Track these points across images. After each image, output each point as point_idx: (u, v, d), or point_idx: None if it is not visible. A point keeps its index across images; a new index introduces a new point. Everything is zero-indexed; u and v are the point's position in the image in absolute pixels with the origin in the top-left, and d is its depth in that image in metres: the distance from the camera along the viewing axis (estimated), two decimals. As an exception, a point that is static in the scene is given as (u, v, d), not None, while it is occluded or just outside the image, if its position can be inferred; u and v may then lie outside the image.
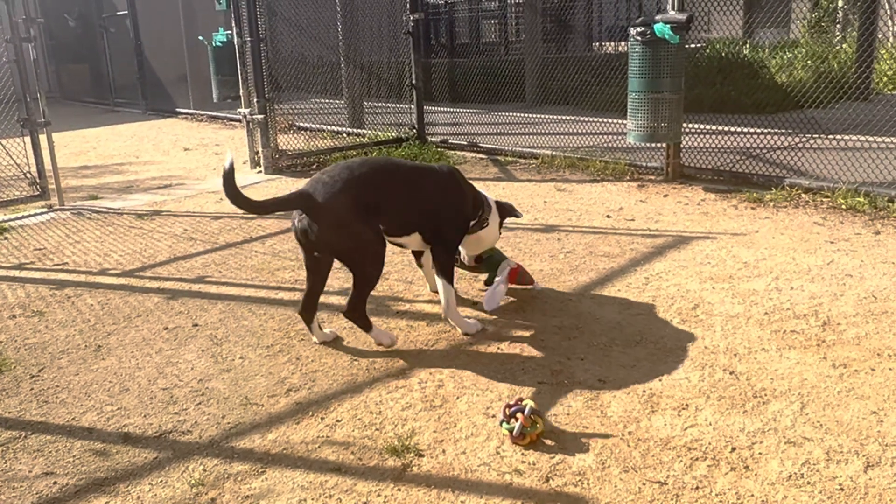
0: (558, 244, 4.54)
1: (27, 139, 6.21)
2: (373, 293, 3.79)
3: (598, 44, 13.74)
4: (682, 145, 5.98)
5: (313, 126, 9.24)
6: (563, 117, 8.53)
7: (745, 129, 6.10)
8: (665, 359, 2.99)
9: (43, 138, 6.26)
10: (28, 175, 6.21)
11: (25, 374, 3.11)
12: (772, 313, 3.38)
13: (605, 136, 7.57)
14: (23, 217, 5.92)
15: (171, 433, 2.60)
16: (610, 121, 7.82)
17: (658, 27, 5.32)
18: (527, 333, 3.28)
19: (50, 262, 4.68)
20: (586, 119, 8.07)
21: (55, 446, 2.55)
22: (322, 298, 3.30)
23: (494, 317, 3.48)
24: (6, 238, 5.31)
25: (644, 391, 2.74)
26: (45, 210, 6.13)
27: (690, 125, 6.25)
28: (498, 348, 3.15)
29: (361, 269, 3.08)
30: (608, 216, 5.12)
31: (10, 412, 2.80)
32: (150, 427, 2.64)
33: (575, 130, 7.59)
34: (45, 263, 4.65)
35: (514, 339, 3.23)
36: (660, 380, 2.82)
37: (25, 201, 6.19)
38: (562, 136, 7.34)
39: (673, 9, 5.58)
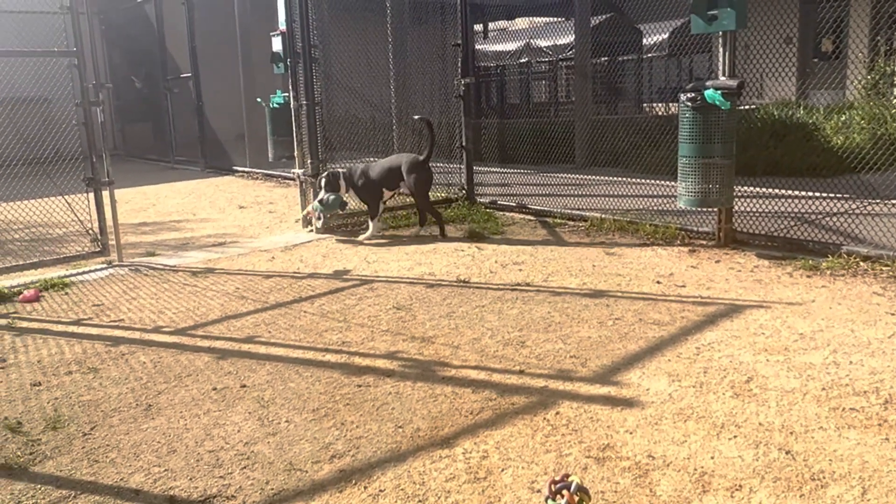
0: (607, 310, 4.49)
1: (91, 196, 6.46)
2: (419, 358, 3.81)
3: (647, 105, 13.80)
4: (734, 210, 5.90)
5: (364, 185, 9.39)
6: (613, 179, 8.51)
7: (800, 194, 6.01)
8: (717, 435, 2.90)
9: (106, 196, 6.50)
10: (90, 232, 6.44)
11: (78, 431, 3.17)
12: (830, 389, 3.26)
13: (656, 199, 7.53)
14: (83, 272, 6.11)
15: (215, 498, 2.61)
16: (660, 183, 7.79)
17: (709, 93, 5.32)
18: (574, 404, 3.22)
19: (107, 318, 4.81)
20: (636, 181, 8.05)
21: (103, 508, 2.58)
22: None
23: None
24: (67, 293, 5.48)
25: (695, 469, 2.65)
26: (105, 266, 6.32)
27: (743, 188, 6.18)
28: (544, 418, 3.10)
29: None
30: (658, 282, 5.05)
31: (61, 470, 2.85)
32: (196, 491, 2.66)
33: (624, 193, 7.56)
34: (103, 319, 4.78)
35: (560, 409, 3.18)
36: (712, 457, 2.73)
37: (87, 257, 6.40)
38: (611, 199, 7.31)
39: (724, 75, 5.59)
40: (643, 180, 8.19)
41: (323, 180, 6.90)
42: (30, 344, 4.34)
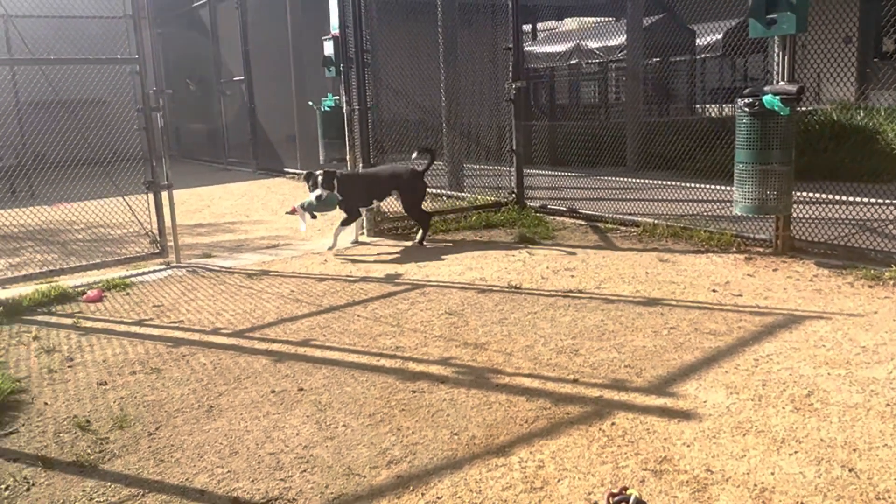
0: (661, 319, 4.45)
1: (151, 199, 6.64)
2: (473, 364, 3.84)
3: (700, 107, 13.58)
4: (792, 217, 5.79)
5: (414, 188, 9.46)
6: (666, 183, 8.42)
7: (861, 200, 5.85)
8: (777, 450, 2.85)
9: (164, 199, 6.67)
10: (150, 233, 6.63)
11: (144, 431, 3.28)
12: (894, 405, 3.18)
13: (710, 204, 7.42)
14: (143, 273, 6.29)
15: (277, 500, 2.67)
16: (715, 188, 7.67)
17: (767, 99, 5.23)
18: (630, 415, 3.21)
19: (167, 319, 4.95)
20: (690, 185, 7.94)
21: (169, 507, 2.66)
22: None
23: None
24: (128, 294, 5.65)
25: (755, 485, 2.62)
26: (164, 267, 6.49)
27: (801, 194, 6.04)
28: (600, 429, 3.09)
29: None
30: (714, 290, 4.98)
31: (129, 469, 2.95)
32: (258, 493, 2.72)
33: (677, 197, 7.47)
34: (163, 320, 4.91)
35: (616, 420, 3.17)
36: (772, 473, 2.69)
37: (146, 258, 6.58)
38: (664, 203, 7.24)
39: (782, 79, 5.48)
40: (697, 185, 8.08)
41: (319, 178, 6.64)
42: (95, 343, 4.49)
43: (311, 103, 11.69)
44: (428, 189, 7.20)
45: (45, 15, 9.58)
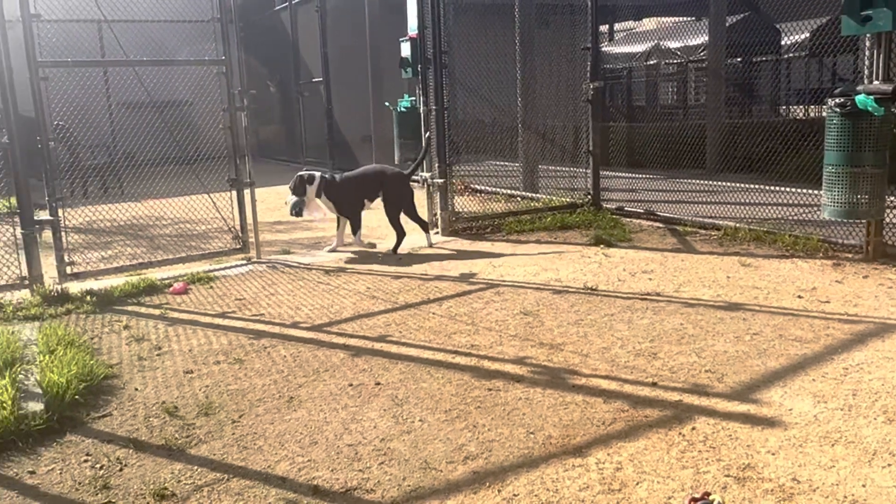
0: (743, 324, 4.33)
1: (234, 196, 6.85)
2: (548, 364, 3.82)
3: (784, 108, 13.14)
4: (885, 222, 5.54)
5: (488, 188, 9.48)
6: (747, 186, 8.17)
7: (961, 206, 5.56)
8: (869, 462, 2.74)
9: (246, 196, 6.87)
10: (232, 230, 6.84)
11: (227, 419, 3.39)
12: None
13: (795, 208, 7.16)
14: (226, 268, 6.49)
15: (356, 490, 2.72)
16: (800, 191, 7.41)
17: (860, 99, 5.02)
18: (711, 420, 3.14)
19: (248, 312, 5.09)
20: (773, 189, 7.68)
21: (253, 492, 2.74)
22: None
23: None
24: (211, 287, 5.84)
25: (844, 497, 2.52)
26: (245, 262, 6.69)
27: (894, 198, 5.78)
28: (680, 433, 3.03)
29: None
30: (799, 296, 4.81)
31: (214, 454, 3.05)
32: (337, 482, 2.78)
33: (760, 201, 7.22)
34: (245, 313, 5.06)
35: (696, 425, 3.10)
36: (863, 485, 2.59)
37: (228, 253, 6.80)
38: (745, 207, 7.02)
39: (876, 79, 5.26)
40: (780, 188, 7.82)
41: (292, 182, 6.84)
42: (181, 334, 4.66)
43: (387, 104, 11.85)
44: (501, 190, 7.19)
45: (138, 19, 9.99)
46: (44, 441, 3.22)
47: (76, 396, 3.54)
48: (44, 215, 5.82)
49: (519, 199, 8.99)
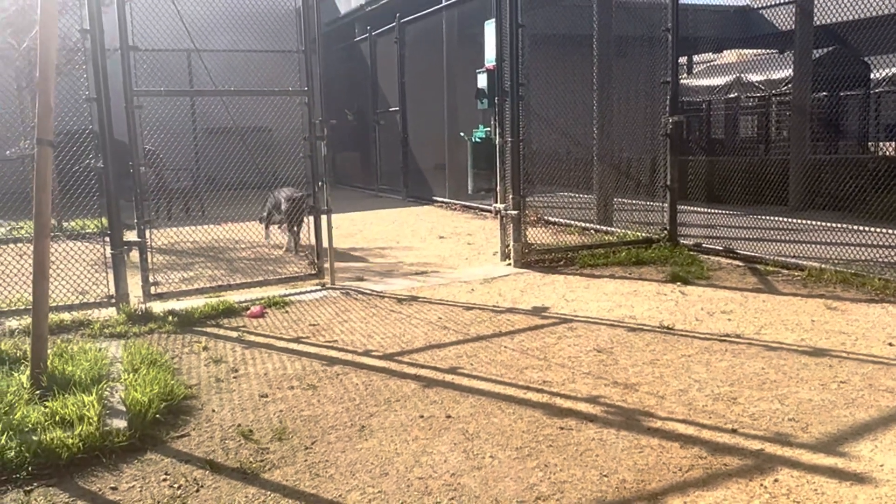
0: (829, 371, 4.14)
1: (311, 222, 7.00)
2: (623, 405, 3.73)
3: (873, 145, 12.65)
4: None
5: (561, 220, 9.42)
6: (833, 225, 7.86)
7: None
8: (971, 528, 2.57)
9: (324, 223, 7.01)
10: (308, 255, 6.97)
11: (300, 444, 3.43)
12: None
13: (885, 250, 6.84)
14: (301, 293, 6.62)
15: (425, 526, 2.70)
16: (890, 232, 7.08)
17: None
18: (795, 472, 3.00)
19: (322, 338, 5.17)
20: (860, 229, 7.37)
21: (324, 521, 2.76)
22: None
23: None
24: (287, 311, 5.96)
25: (945, 564, 2.36)
26: (319, 288, 6.81)
27: None
28: (761, 484, 2.91)
29: None
30: (890, 344, 4.58)
31: (287, 480, 3.09)
32: (407, 516, 2.77)
33: (847, 241, 6.96)
34: (318, 339, 5.14)
35: (779, 476, 2.97)
36: (965, 553, 2.42)
37: (303, 279, 6.93)
38: (831, 247, 6.76)
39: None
40: (869, 228, 7.50)
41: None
42: (257, 357, 4.76)
43: (462, 134, 11.94)
44: (575, 222, 7.13)
45: (227, 49, 10.41)
46: (125, 458, 3.32)
47: (157, 415, 3.65)
48: (131, 236, 6.07)
49: (593, 232, 8.89)
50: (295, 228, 8.14)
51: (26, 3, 8.67)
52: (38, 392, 3.77)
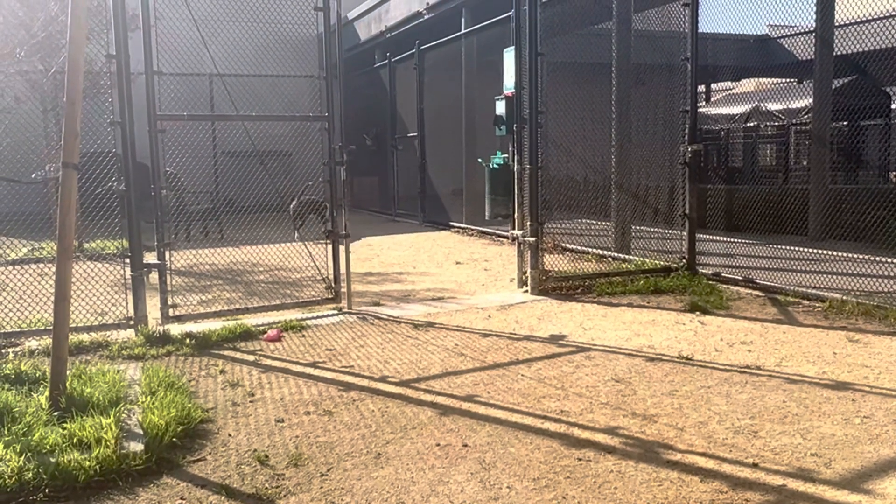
0: (852, 405, 4.08)
1: (329, 247, 7.03)
2: (641, 436, 3.68)
3: (895, 174, 12.56)
4: None
5: (578, 248, 9.40)
6: (854, 255, 7.79)
7: None
8: None
9: (341, 248, 7.04)
10: (326, 279, 7.00)
11: (316, 471, 3.41)
12: None
13: (908, 282, 6.76)
14: (317, 317, 6.62)
15: (441, 557, 2.67)
16: (913, 264, 6.99)
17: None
18: (819, 509, 2.94)
19: (339, 363, 5.16)
20: (884, 260, 7.29)
21: (339, 551, 2.73)
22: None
23: (779, 483, 3.17)
24: (303, 336, 5.97)
25: None
26: (336, 312, 6.81)
27: None
28: (784, 522, 2.86)
29: None
30: (914, 378, 4.51)
31: (302, 508, 3.07)
32: (422, 547, 2.73)
33: (869, 272, 6.87)
34: (335, 364, 5.13)
35: (803, 513, 2.91)
36: None
37: (321, 303, 6.94)
38: (852, 278, 6.68)
39: None
40: (892, 259, 7.41)
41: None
42: (273, 381, 4.76)
43: (479, 160, 11.99)
44: (592, 249, 7.11)
45: (249, 73, 10.53)
46: (141, 481, 3.32)
47: (174, 439, 3.64)
48: (151, 258, 6.12)
49: (610, 259, 8.85)
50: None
51: (55, 28, 8.85)
52: (56, 413, 3.78)
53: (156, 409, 3.83)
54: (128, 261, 5.96)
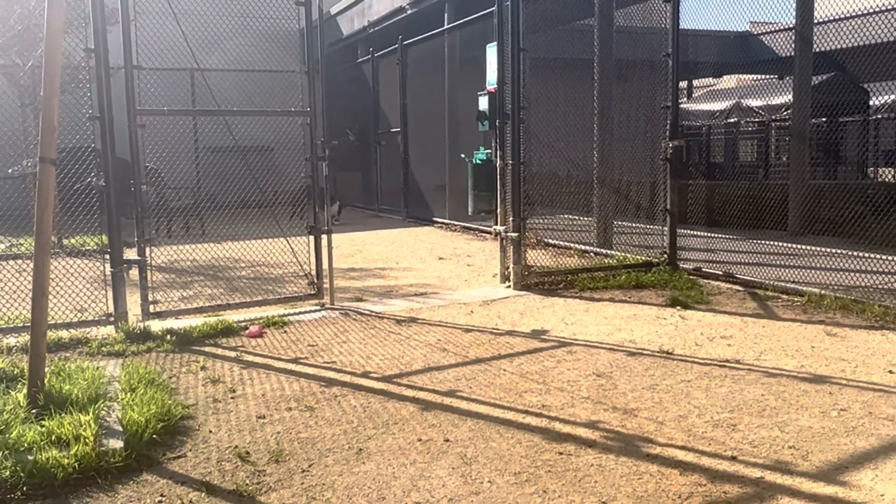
0: (829, 399, 4.13)
1: (311, 242, 7.00)
2: (622, 430, 3.71)
3: (872, 170, 12.71)
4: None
5: (561, 243, 9.43)
6: (832, 250, 7.88)
7: None
8: (973, 560, 2.54)
9: (324, 243, 7.01)
10: (308, 275, 6.97)
11: (297, 467, 3.41)
12: None
13: (885, 277, 6.84)
14: (300, 312, 6.60)
15: (422, 552, 2.67)
16: (890, 258, 7.09)
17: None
18: (795, 501, 2.98)
19: (321, 359, 5.15)
20: (861, 255, 7.38)
21: (320, 546, 2.73)
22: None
23: (757, 475, 3.21)
24: (286, 332, 5.95)
25: None
26: (318, 308, 6.79)
27: None
28: (761, 514, 2.89)
29: None
30: (890, 371, 4.57)
31: (284, 503, 3.06)
32: (404, 542, 2.74)
33: (846, 267, 6.96)
34: (317, 360, 5.12)
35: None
36: (967, 586, 2.39)
37: (303, 298, 6.92)
38: (831, 272, 6.76)
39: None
40: (869, 254, 7.51)
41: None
42: (255, 378, 4.74)
43: (462, 156, 11.99)
44: (574, 245, 7.14)
45: (230, 69, 10.46)
46: (121, 478, 3.30)
47: (154, 436, 3.62)
48: (131, 254, 6.07)
49: (592, 255, 8.89)
50: None
51: (32, 21, 8.73)
52: (34, 411, 3.75)
53: (136, 406, 3.80)
54: (108, 257, 5.92)
